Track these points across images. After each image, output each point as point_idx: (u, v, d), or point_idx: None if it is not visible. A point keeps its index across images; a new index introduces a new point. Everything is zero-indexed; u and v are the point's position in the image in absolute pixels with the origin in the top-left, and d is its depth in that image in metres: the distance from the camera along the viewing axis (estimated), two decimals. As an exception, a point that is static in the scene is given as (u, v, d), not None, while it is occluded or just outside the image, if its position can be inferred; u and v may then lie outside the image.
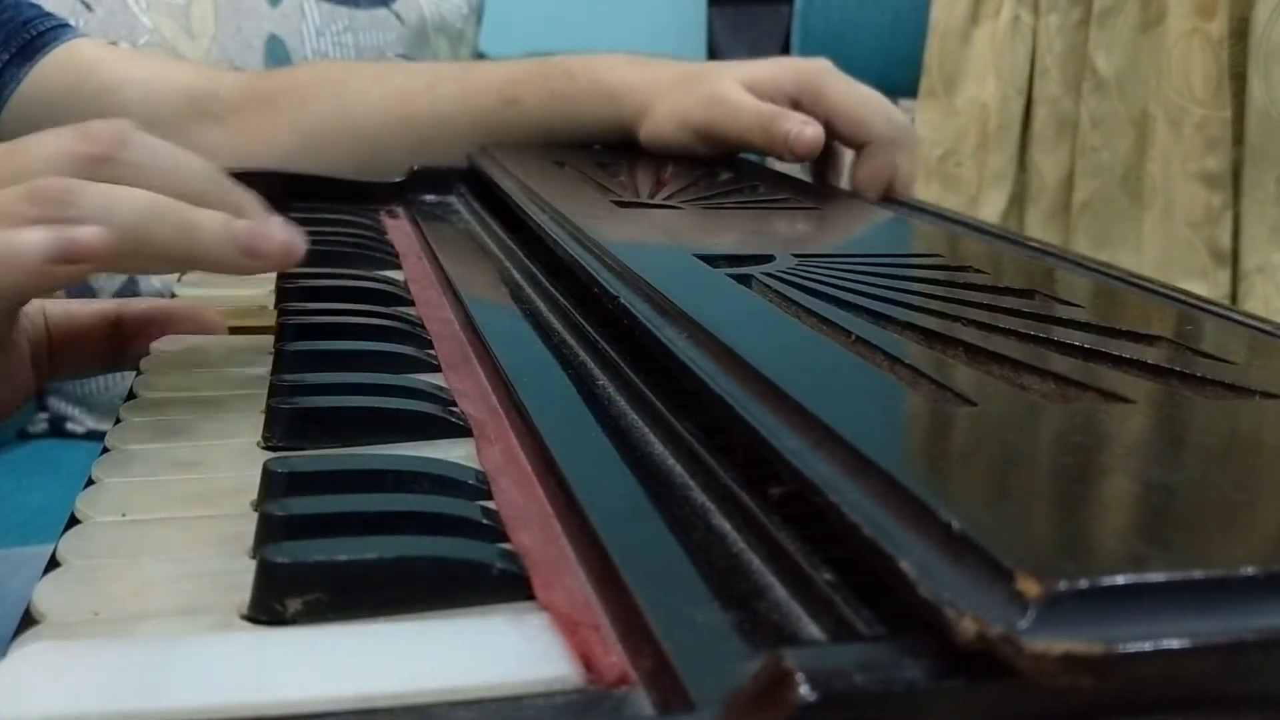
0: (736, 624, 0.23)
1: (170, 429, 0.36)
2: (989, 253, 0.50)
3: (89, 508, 0.31)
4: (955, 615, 0.19)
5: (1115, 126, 1.41)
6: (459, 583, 0.26)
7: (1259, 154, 1.26)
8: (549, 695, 0.22)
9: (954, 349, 0.33)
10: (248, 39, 1.27)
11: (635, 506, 0.29)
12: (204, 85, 0.77)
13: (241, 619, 0.25)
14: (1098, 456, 0.25)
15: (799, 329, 0.35)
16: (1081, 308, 0.38)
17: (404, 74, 0.80)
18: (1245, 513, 0.23)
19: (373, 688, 0.22)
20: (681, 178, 0.65)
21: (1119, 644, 0.18)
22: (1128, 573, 0.19)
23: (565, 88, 0.75)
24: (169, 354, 0.44)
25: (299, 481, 0.31)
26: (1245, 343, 0.36)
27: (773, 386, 0.28)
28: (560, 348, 0.41)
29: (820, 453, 0.25)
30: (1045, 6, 1.49)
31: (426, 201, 0.71)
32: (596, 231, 0.46)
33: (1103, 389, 0.29)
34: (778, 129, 0.67)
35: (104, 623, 0.25)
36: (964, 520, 0.21)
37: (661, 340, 0.34)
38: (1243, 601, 0.19)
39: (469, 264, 0.56)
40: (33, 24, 0.74)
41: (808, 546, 0.25)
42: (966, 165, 1.59)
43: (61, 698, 0.22)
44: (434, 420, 0.36)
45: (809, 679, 0.19)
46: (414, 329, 0.44)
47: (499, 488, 0.31)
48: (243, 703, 0.22)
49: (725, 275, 0.40)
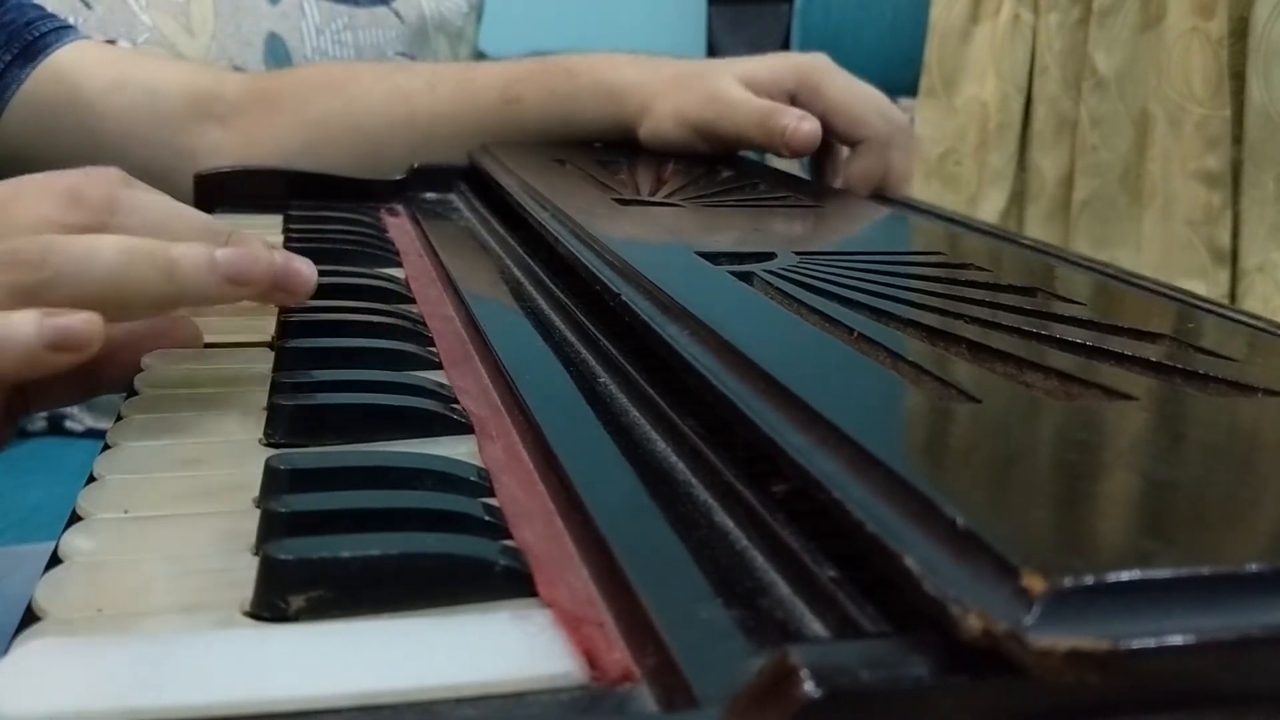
0: (740, 621, 0.23)
1: (172, 426, 0.36)
2: (990, 251, 0.50)
3: (91, 504, 0.31)
4: (960, 612, 0.19)
5: (1115, 125, 1.41)
6: (461, 580, 0.26)
7: (1258, 153, 1.26)
8: (552, 692, 0.22)
9: (956, 346, 0.33)
10: (247, 37, 1.27)
11: (638, 503, 0.29)
12: (207, 85, 0.77)
13: (244, 616, 0.25)
14: (1101, 453, 0.25)
15: (801, 326, 0.35)
16: (1083, 305, 0.37)
17: (405, 74, 0.80)
18: (1249, 509, 0.23)
19: (375, 685, 0.22)
20: (682, 175, 0.65)
21: (1124, 640, 0.18)
22: (1133, 569, 0.19)
23: (566, 86, 0.75)
24: (170, 351, 0.43)
25: (301, 478, 0.31)
26: (1246, 340, 0.36)
27: (775, 383, 0.28)
28: (561, 345, 0.41)
29: (824, 449, 0.25)
30: (1045, 5, 1.49)
31: (427, 199, 0.71)
32: (597, 229, 0.46)
33: (1105, 386, 0.29)
34: (774, 124, 0.67)
35: (106, 620, 0.25)
36: (968, 517, 0.21)
37: (663, 337, 0.34)
38: (1248, 598, 0.19)
39: (470, 261, 0.56)
40: (35, 25, 0.74)
41: (811, 543, 0.25)
42: (966, 164, 1.59)
43: (63, 695, 0.22)
44: (436, 417, 0.35)
45: (813, 676, 0.19)
46: (415, 326, 0.44)
47: (501, 485, 0.31)
48: (245, 700, 0.22)
49: (727, 273, 0.40)
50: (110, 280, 0.36)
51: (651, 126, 0.73)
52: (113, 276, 0.36)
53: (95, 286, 0.36)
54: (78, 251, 0.36)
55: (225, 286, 0.39)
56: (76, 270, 0.36)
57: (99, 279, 0.36)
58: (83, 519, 0.30)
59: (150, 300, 0.38)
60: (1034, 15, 1.51)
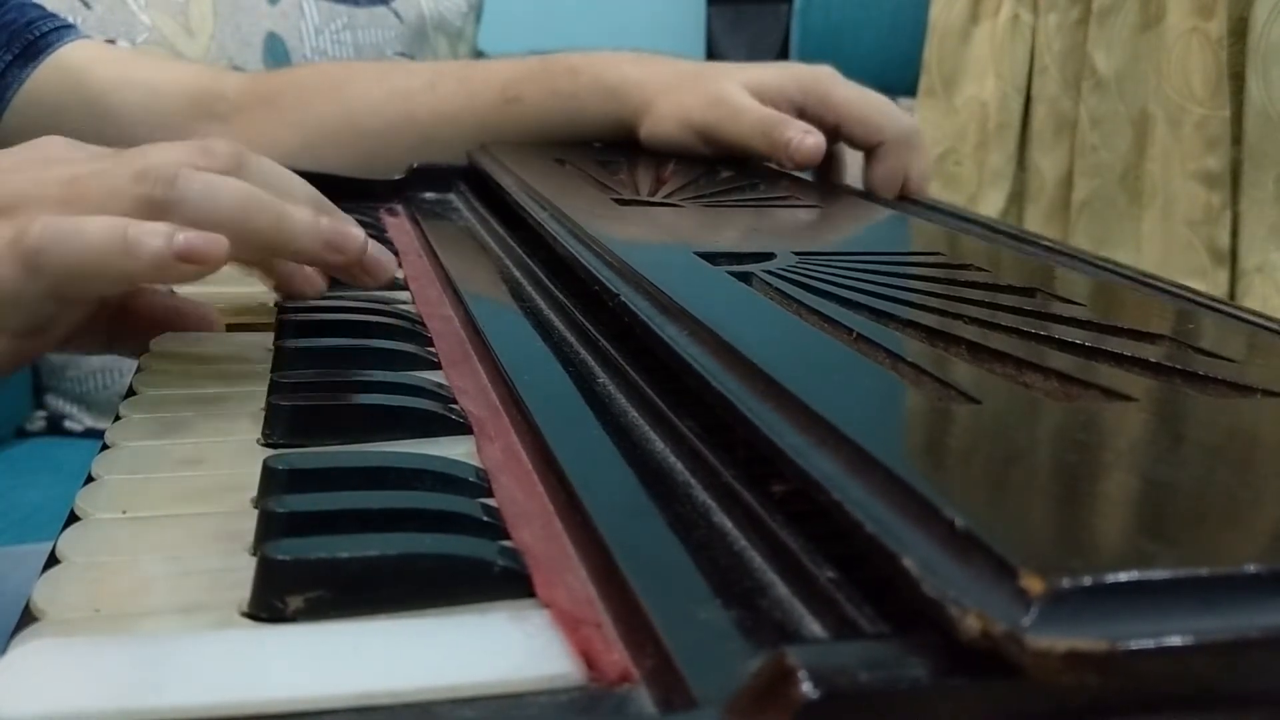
0: (739, 622, 0.23)
1: (170, 426, 0.36)
2: (990, 251, 0.50)
3: (89, 504, 0.31)
4: (959, 613, 0.19)
5: (1114, 126, 1.41)
6: (460, 580, 0.26)
7: (1258, 153, 1.26)
8: (551, 693, 0.22)
9: (956, 346, 0.33)
10: (246, 37, 1.27)
11: (636, 504, 0.29)
12: (207, 85, 0.77)
13: (242, 616, 0.25)
14: (1100, 454, 0.25)
15: (800, 326, 0.35)
16: (1083, 306, 0.37)
17: (405, 73, 0.80)
18: (1248, 510, 0.23)
19: (373, 685, 0.22)
20: (682, 175, 0.65)
21: (1123, 641, 0.18)
22: (1131, 570, 0.19)
23: (566, 85, 0.75)
24: (168, 351, 0.44)
25: (299, 478, 0.31)
26: (1246, 340, 0.36)
27: (774, 384, 0.28)
28: (560, 345, 0.41)
29: (822, 450, 0.25)
30: (1045, 5, 1.49)
31: (426, 199, 0.71)
32: (597, 229, 0.46)
33: (1105, 387, 0.29)
34: (779, 136, 0.67)
35: (104, 620, 0.25)
36: (967, 517, 0.21)
37: (662, 338, 0.34)
38: (1246, 599, 0.19)
39: (469, 261, 0.56)
40: (35, 25, 0.74)
41: (810, 544, 0.25)
42: (966, 164, 1.59)
43: (61, 695, 0.22)
44: (434, 417, 0.35)
45: (812, 677, 0.19)
46: (414, 326, 0.44)
47: (499, 485, 0.31)
48: (243, 700, 0.22)
49: (726, 273, 0.40)
50: (229, 214, 0.40)
51: (652, 126, 0.73)
52: (231, 211, 0.40)
53: (215, 215, 0.39)
54: (204, 182, 0.40)
55: (323, 250, 0.43)
56: (201, 198, 0.39)
57: (220, 209, 0.40)
58: (81, 519, 0.30)
59: (260, 243, 0.42)
60: (1033, 15, 1.51)
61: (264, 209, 0.41)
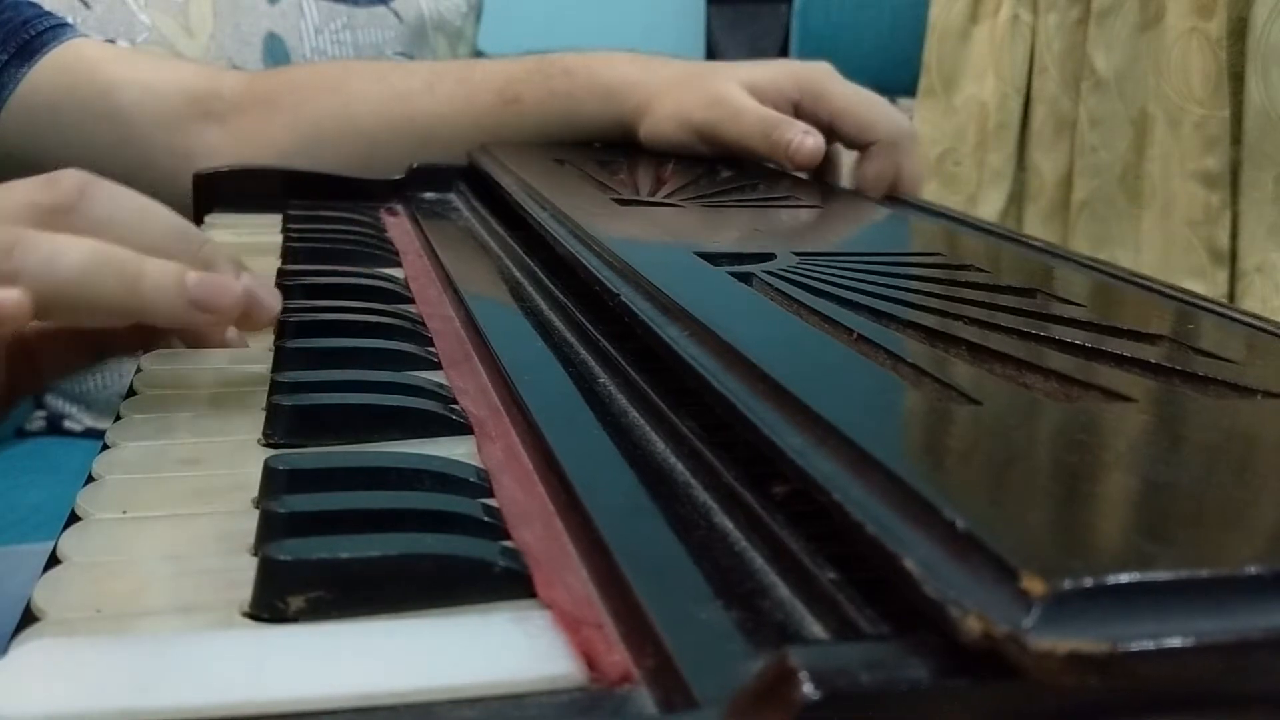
0: (740, 623, 0.23)
1: (171, 426, 0.36)
2: (990, 251, 0.50)
3: (89, 505, 0.31)
4: (960, 614, 0.19)
5: (1114, 126, 1.41)
6: (461, 580, 0.26)
7: (1257, 153, 1.26)
8: (551, 694, 0.22)
9: (956, 347, 0.33)
10: (246, 36, 1.27)
11: (637, 504, 0.29)
12: (205, 85, 0.77)
13: (243, 616, 0.25)
14: (1101, 455, 0.25)
15: (801, 327, 0.35)
16: (1083, 306, 0.37)
17: (404, 73, 0.80)
18: (1249, 511, 0.23)
19: (374, 686, 0.22)
20: (682, 176, 0.65)
21: (1124, 643, 0.18)
22: (1133, 571, 0.19)
23: (565, 85, 0.75)
24: (169, 351, 0.43)
25: (300, 479, 0.31)
26: (1246, 342, 0.36)
27: (775, 384, 0.28)
28: (561, 345, 0.41)
29: (823, 451, 0.25)
30: (1044, 5, 1.49)
31: (426, 199, 0.71)
32: (597, 229, 0.46)
33: (1105, 388, 0.29)
34: (779, 137, 0.67)
35: (104, 620, 0.25)
36: (968, 519, 0.21)
37: (663, 338, 0.34)
38: (1248, 600, 0.19)
39: (469, 261, 0.56)
40: (32, 23, 0.74)
41: (811, 545, 0.25)
42: (965, 164, 1.59)
43: (62, 695, 0.22)
44: (435, 418, 0.35)
45: (813, 678, 0.19)
46: (414, 326, 0.44)
47: (500, 485, 0.31)
48: (244, 701, 0.22)
49: (726, 273, 0.40)
50: (72, 283, 0.36)
51: (651, 126, 0.73)
52: (75, 280, 0.36)
53: (56, 286, 0.36)
54: (46, 250, 0.36)
55: (190, 311, 0.38)
56: (41, 267, 0.36)
57: (61, 280, 0.36)
58: (81, 519, 0.30)
59: (110, 310, 0.38)
60: (1033, 15, 1.51)
61: (115, 274, 0.37)
